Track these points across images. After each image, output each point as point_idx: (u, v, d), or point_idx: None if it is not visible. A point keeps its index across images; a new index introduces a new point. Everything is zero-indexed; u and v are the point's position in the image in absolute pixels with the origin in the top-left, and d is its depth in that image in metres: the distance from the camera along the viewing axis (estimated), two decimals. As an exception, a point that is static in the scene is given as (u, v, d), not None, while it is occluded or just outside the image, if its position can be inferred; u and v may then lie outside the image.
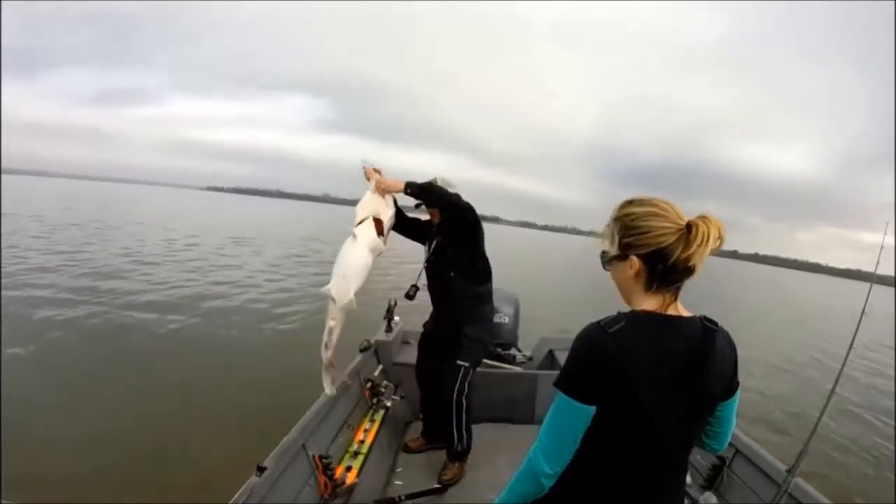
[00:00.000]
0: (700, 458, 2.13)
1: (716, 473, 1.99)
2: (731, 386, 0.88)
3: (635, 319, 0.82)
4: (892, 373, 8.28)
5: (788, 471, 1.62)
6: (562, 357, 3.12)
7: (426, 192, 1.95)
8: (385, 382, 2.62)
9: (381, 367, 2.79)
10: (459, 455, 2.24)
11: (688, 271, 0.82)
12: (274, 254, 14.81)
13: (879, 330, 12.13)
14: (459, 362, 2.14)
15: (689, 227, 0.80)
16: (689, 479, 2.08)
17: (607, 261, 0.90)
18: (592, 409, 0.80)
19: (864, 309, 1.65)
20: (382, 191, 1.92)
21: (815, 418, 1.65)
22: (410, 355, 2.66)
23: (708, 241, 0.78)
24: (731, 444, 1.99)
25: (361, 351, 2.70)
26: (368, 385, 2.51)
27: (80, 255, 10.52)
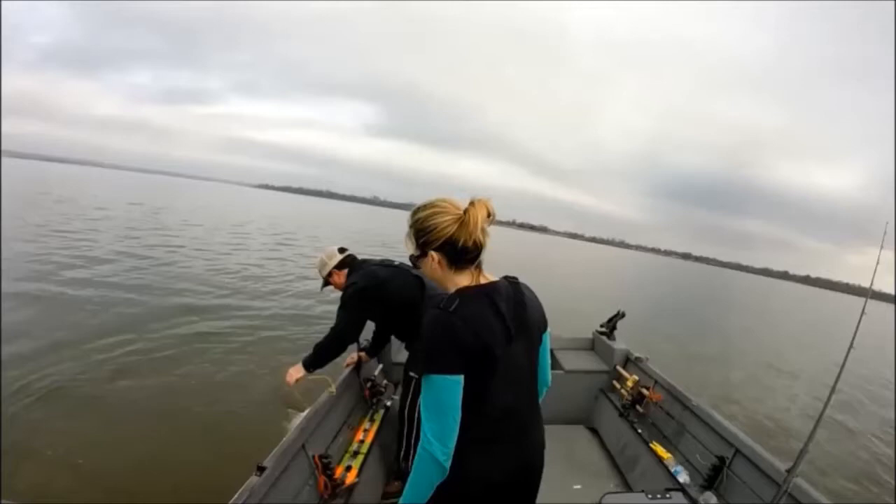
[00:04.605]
0: (700, 458, 2.13)
1: (716, 473, 1.99)
2: (544, 322, 1.11)
3: (465, 295, 0.98)
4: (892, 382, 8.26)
5: (788, 471, 1.62)
6: (562, 357, 3.12)
7: (315, 363, 2.11)
8: (385, 382, 2.62)
9: (380, 366, 2.79)
10: (402, 475, 2.12)
11: (477, 247, 0.99)
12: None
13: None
14: (411, 373, 2.11)
15: (465, 213, 0.98)
16: (688, 478, 2.08)
17: (415, 261, 1.05)
18: (462, 377, 0.92)
19: (863, 309, 1.65)
20: (294, 379, 2.11)
21: (815, 418, 1.65)
22: None
23: (478, 221, 0.96)
24: (730, 444, 2.00)
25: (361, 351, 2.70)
26: (368, 385, 2.51)
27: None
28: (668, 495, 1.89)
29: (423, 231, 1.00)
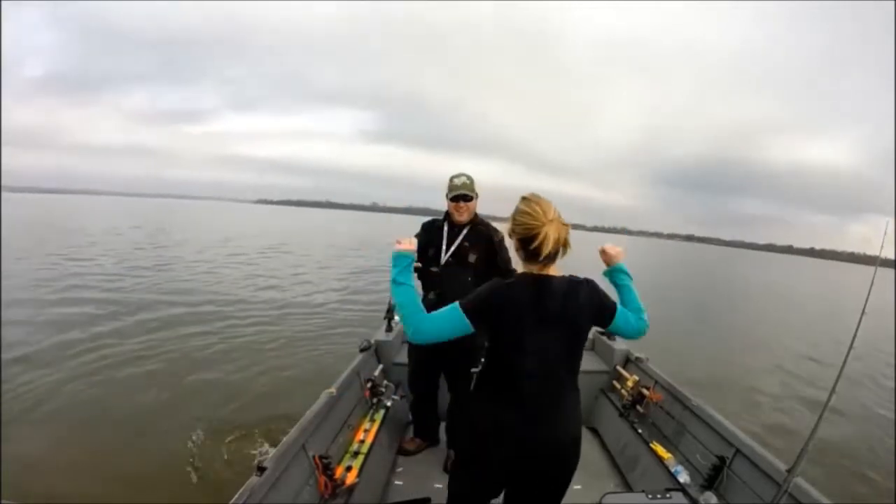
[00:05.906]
0: (700, 458, 2.13)
1: (716, 473, 1.99)
2: (594, 312, 1.24)
3: (522, 278, 1.20)
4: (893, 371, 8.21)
5: (788, 471, 1.62)
6: None
7: None
8: (385, 382, 2.62)
9: (381, 367, 2.79)
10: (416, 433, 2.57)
11: (541, 254, 1.14)
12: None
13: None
14: (473, 370, 2.11)
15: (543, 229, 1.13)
16: (689, 478, 2.08)
17: (510, 236, 1.23)
18: (468, 322, 1.16)
19: (863, 309, 1.64)
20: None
21: (815, 418, 1.64)
22: None
23: (545, 240, 1.12)
24: (730, 444, 2.00)
25: (361, 351, 2.70)
26: (368, 385, 2.51)
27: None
28: (668, 495, 1.88)
29: (514, 220, 1.18)
